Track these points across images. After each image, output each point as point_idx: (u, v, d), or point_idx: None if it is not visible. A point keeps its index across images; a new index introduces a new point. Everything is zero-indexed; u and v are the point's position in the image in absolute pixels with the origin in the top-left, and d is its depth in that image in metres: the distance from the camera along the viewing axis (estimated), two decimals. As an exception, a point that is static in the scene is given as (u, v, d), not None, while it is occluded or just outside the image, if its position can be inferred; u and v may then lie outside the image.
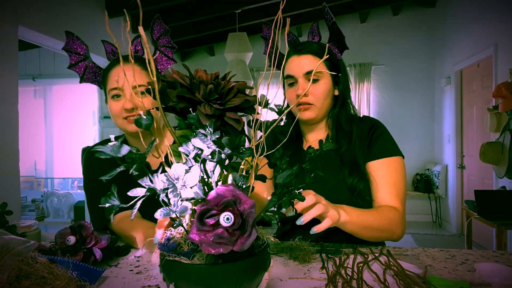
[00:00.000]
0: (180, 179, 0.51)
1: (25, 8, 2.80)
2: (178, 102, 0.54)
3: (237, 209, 0.50)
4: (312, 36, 1.19)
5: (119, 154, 0.52)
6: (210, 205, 0.50)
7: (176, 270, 0.54)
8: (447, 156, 5.00)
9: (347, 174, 1.07)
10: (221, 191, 0.51)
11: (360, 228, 0.93)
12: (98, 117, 4.18)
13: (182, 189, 0.51)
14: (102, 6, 3.76)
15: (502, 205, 2.87)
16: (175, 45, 1.09)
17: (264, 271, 0.58)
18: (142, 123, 0.56)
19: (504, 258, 0.89)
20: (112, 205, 0.53)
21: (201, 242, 0.48)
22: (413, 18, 5.50)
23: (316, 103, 1.10)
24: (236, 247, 0.48)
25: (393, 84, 5.56)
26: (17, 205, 2.76)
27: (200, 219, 0.50)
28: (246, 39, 4.22)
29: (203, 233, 0.49)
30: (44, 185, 5.99)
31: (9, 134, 2.66)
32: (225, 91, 0.55)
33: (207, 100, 0.54)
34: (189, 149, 0.53)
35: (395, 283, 0.71)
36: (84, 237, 0.85)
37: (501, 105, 3.15)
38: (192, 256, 0.54)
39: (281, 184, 0.59)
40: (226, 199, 0.50)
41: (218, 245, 0.48)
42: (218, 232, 0.49)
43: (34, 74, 5.60)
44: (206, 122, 0.52)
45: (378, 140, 1.11)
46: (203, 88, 0.53)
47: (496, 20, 3.65)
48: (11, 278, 0.63)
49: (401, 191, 1.06)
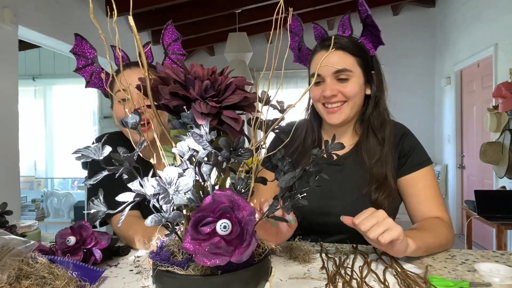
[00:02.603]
0: (172, 184, 0.47)
1: (25, 8, 2.80)
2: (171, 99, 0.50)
3: (235, 216, 0.46)
4: (342, 30, 1.07)
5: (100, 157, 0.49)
6: (205, 212, 0.46)
7: (168, 282, 0.50)
8: (447, 156, 5.00)
9: (374, 188, 0.98)
10: (218, 196, 0.46)
11: (424, 252, 0.86)
12: (98, 117, 4.18)
13: (175, 195, 0.47)
14: (102, 6, 3.75)
15: (502, 205, 2.87)
16: (185, 52, 1.08)
17: (266, 281, 0.53)
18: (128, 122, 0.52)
19: (504, 258, 0.89)
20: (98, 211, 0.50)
21: (195, 253, 0.44)
22: (413, 18, 5.50)
23: (346, 104, 1.01)
24: (234, 258, 0.44)
25: (393, 84, 5.53)
26: (17, 205, 2.76)
27: (195, 227, 0.45)
28: (246, 39, 4.22)
29: (198, 242, 0.45)
30: (44, 185, 5.99)
31: (9, 134, 2.66)
32: (222, 87, 0.50)
33: (202, 97, 0.49)
34: (183, 150, 0.49)
35: (396, 283, 0.71)
36: (85, 238, 0.85)
37: (501, 105, 3.15)
38: (187, 266, 0.49)
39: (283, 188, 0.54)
40: (223, 205, 0.46)
41: (214, 255, 0.44)
42: (214, 242, 0.45)
43: (34, 74, 5.60)
44: (202, 121, 0.48)
45: (413, 153, 1.03)
46: (199, 84, 0.49)
47: (496, 20, 3.65)
48: (11, 278, 0.63)
49: (442, 199, 1.01)
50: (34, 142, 5.83)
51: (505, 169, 3.15)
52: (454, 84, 4.69)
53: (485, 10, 3.87)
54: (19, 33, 2.76)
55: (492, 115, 3.35)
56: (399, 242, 0.75)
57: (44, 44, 3.24)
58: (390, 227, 0.73)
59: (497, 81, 3.51)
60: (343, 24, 1.07)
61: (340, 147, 0.58)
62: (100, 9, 3.74)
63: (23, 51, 4.87)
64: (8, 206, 0.96)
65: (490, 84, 3.72)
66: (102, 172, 0.49)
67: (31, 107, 5.81)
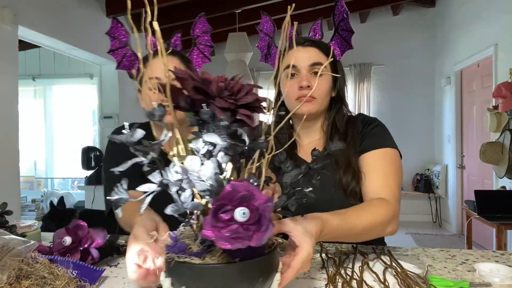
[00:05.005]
0: (195, 172, 0.50)
1: (25, 8, 2.80)
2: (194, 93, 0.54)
3: (253, 204, 0.49)
4: (314, 33, 1.14)
5: (133, 139, 0.51)
6: (225, 200, 0.49)
7: (186, 272, 0.51)
8: (447, 156, 5.00)
9: (342, 173, 1.03)
10: (236, 186, 0.49)
11: (345, 237, 0.83)
12: (98, 117, 4.18)
13: (197, 182, 0.50)
14: (102, 6, 3.76)
15: (502, 205, 2.87)
16: (213, 45, 1.11)
17: (276, 272, 0.56)
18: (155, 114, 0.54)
19: (504, 258, 0.89)
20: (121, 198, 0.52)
21: (216, 238, 0.46)
22: (413, 18, 5.51)
23: (318, 98, 1.05)
24: (253, 242, 0.47)
25: (393, 84, 5.56)
26: (17, 205, 2.76)
27: (215, 215, 0.48)
28: (246, 39, 4.22)
29: (218, 229, 0.47)
30: (44, 185, 5.99)
31: (9, 134, 2.66)
32: (235, 89, 0.54)
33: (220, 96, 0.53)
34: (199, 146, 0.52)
35: (396, 283, 0.71)
36: (81, 237, 0.85)
37: (501, 105, 3.15)
38: (203, 257, 0.51)
39: (289, 184, 0.58)
40: (241, 194, 0.49)
41: (235, 240, 0.46)
42: (233, 228, 0.47)
43: (34, 74, 5.59)
44: (222, 115, 0.51)
45: (371, 133, 1.06)
46: (216, 84, 0.53)
47: (496, 20, 3.65)
48: (11, 278, 0.63)
49: (393, 182, 0.98)
50: (34, 142, 5.82)
51: (505, 169, 3.15)
52: (454, 84, 4.70)
53: (485, 10, 3.87)
54: (19, 33, 2.76)
55: (492, 115, 3.35)
56: None
57: (44, 44, 3.24)
58: None
59: (497, 81, 3.51)
60: (315, 28, 1.15)
61: (341, 146, 0.63)
62: (100, 9, 3.75)
63: (23, 51, 4.86)
64: (8, 206, 0.96)
65: (490, 84, 3.72)
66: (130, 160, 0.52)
67: (31, 107, 5.81)
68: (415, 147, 5.34)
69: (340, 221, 0.77)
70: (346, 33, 1.10)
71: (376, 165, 1.01)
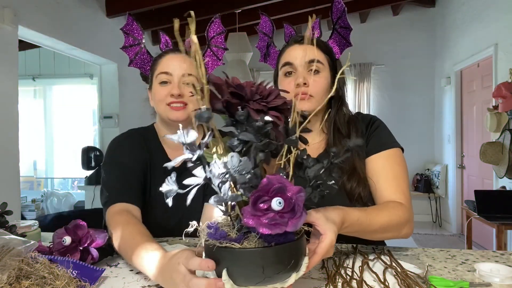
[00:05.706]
0: (235, 167, 0.57)
1: (25, 8, 2.80)
2: (231, 98, 0.60)
3: (286, 194, 0.56)
4: (312, 31, 1.12)
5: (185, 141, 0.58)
6: (262, 192, 0.56)
7: (227, 256, 0.57)
8: (447, 156, 5.00)
9: (346, 179, 1.00)
10: (271, 179, 0.56)
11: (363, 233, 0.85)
12: (98, 117, 4.18)
13: (237, 175, 0.57)
14: (102, 6, 3.75)
15: (502, 205, 2.87)
16: (227, 47, 1.11)
17: (304, 256, 0.62)
18: (203, 117, 0.59)
19: (504, 258, 0.89)
20: (171, 189, 0.58)
21: (257, 225, 0.53)
22: (413, 18, 5.50)
23: (315, 95, 1.02)
24: (289, 228, 0.54)
25: (393, 84, 5.56)
26: (17, 205, 2.76)
27: (254, 204, 0.55)
28: (246, 39, 4.22)
29: (257, 217, 0.54)
30: (44, 185, 5.99)
31: (9, 134, 2.66)
32: (265, 93, 0.61)
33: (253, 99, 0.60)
34: (234, 144, 0.58)
35: (396, 283, 0.71)
36: (80, 237, 0.85)
37: (501, 105, 3.16)
38: (242, 242, 0.58)
39: (312, 177, 0.64)
40: (276, 186, 0.55)
41: (274, 226, 0.53)
42: (270, 216, 0.54)
43: (34, 74, 5.59)
44: (257, 116, 0.57)
45: (374, 135, 1.04)
46: (249, 89, 0.59)
47: (496, 20, 3.65)
48: (11, 278, 0.63)
49: (404, 184, 0.99)
50: (34, 142, 5.82)
51: (505, 169, 3.15)
52: (454, 84, 4.70)
53: (485, 10, 3.87)
54: (19, 33, 2.76)
55: (492, 115, 3.35)
56: None
57: (44, 44, 3.24)
58: None
59: (497, 81, 3.51)
60: (313, 26, 1.13)
61: (360, 142, 0.68)
62: (100, 9, 3.75)
63: (23, 51, 4.87)
64: (8, 206, 0.96)
65: (490, 84, 3.72)
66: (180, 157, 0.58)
67: (31, 107, 5.81)
68: (415, 147, 5.33)
69: (360, 216, 0.81)
70: (344, 31, 1.09)
71: (385, 169, 1.00)
